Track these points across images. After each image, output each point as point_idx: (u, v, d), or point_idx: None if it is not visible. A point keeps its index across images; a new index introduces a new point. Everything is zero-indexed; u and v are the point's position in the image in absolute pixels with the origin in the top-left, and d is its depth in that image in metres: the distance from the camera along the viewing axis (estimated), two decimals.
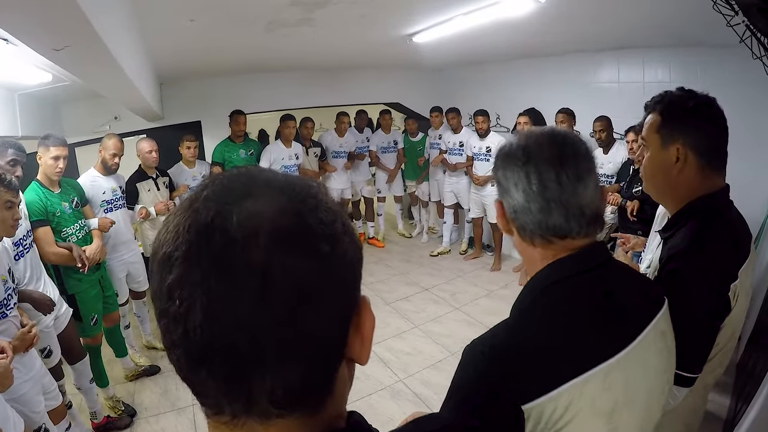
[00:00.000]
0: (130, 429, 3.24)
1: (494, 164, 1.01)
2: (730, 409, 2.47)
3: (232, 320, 0.40)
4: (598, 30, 4.13)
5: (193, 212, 0.44)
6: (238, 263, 0.41)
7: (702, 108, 1.28)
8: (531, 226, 0.94)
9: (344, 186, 6.36)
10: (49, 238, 2.88)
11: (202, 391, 0.45)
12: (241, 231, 0.42)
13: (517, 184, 0.94)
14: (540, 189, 0.91)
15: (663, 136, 1.30)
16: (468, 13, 3.45)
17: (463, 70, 6.85)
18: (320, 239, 0.45)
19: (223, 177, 0.49)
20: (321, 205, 0.48)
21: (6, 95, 3.46)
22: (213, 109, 5.76)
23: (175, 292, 0.42)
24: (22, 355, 2.20)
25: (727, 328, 1.26)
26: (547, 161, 0.91)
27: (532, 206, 0.92)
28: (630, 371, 0.87)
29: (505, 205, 0.99)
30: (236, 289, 0.40)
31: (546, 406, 0.79)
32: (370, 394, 3.52)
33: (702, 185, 1.30)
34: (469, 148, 5.77)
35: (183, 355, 0.43)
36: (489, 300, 4.97)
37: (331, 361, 0.48)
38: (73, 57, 1.91)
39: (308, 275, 0.43)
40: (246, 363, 0.41)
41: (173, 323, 0.42)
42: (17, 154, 2.69)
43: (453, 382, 0.87)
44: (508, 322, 0.92)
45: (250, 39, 3.85)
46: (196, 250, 0.42)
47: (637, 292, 0.99)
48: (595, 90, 5.14)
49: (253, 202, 0.44)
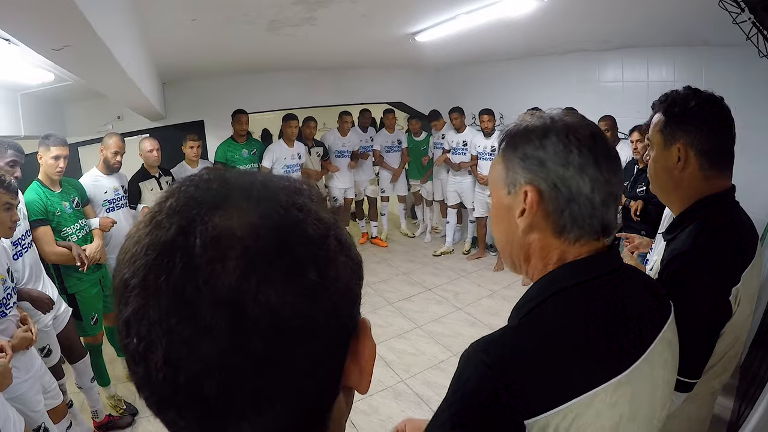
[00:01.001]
0: (131, 428, 3.24)
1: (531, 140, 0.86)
2: (734, 411, 2.45)
3: (197, 365, 0.34)
4: (602, 29, 4.11)
5: (155, 227, 0.37)
6: (203, 297, 0.34)
7: (704, 107, 1.26)
8: (587, 220, 0.83)
9: (348, 185, 6.35)
10: (48, 237, 2.88)
11: (175, 430, 0.39)
12: (206, 255, 0.35)
13: (583, 168, 0.81)
14: (609, 176, 0.82)
15: (665, 136, 1.29)
16: (470, 12, 3.43)
17: (465, 69, 6.84)
18: (306, 264, 0.38)
19: (191, 182, 0.41)
20: (309, 219, 0.40)
21: (9, 95, 3.48)
22: (216, 109, 5.76)
23: (132, 329, 0.36)
24: (22, 354, 2.21)
25: (729, 333, 1.23)
26: (599, 146, 0.84)
27: (596, 197, 0.82)
28: (637, 385, 0.80)
29: (549, 193, 0.84)
30: (200, 329, 0.34)
31: (551, 420, 0.73)
32: (371, 395, 3.50)
33: (706, 186, 1.28)
34: (472, 147, 5.76)
35: (149, 395, 0.38)
36: (492, 300, 4.95)
37: (323, 397, 0.42)
38: (73, 57, 1.90)
39: (290, 310, 0.36)
40: (216, 410, 0.35)
41: (133, 362, 0.37)
42: (16, 155, 2.69)
43: (451, 388, 0.77)
44: (513, 327, 0.83)
45: (253, 38, 3.84)
46: (154, 279, 0.35)
47: (648, 300, 0.91)
48: (600, 89, 5.12)
49: (223, 216, 0.37)
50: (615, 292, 0.85)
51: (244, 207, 0.38)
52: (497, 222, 0.96)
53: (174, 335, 0.34)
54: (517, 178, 0.87)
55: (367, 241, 7.01)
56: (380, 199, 6.92)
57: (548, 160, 0.83)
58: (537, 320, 0.83)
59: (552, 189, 0.83)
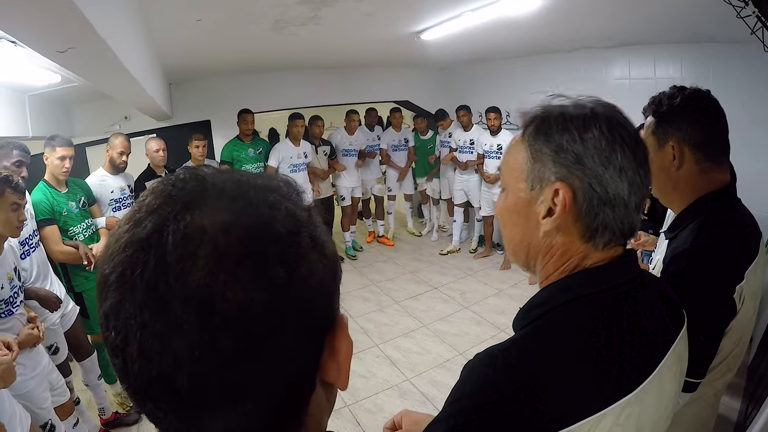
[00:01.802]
0: (138, 425, 3.27)
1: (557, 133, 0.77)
2: (741, 412, 2.42)
3: (169, 359, 0.35)
4: (609, 26, 4.08)
5: (134, 225, 0.39)
6: (173, 293, 0.35)
7: (690, 101, 1.25)
8: (619, 226, 0.76)
9: (355, 184, 6.34)
10: (55, 236, 2.91)
11: (155, 421, 0.41)
12: (177, 252, 0.36)
13: (624, 169, 0.74)
14: (643, 181, 0.76)
15: (658, 136, 1.28)
16: (476, 9, 3.41)
17: (471, 67, 6.81)
18: (275, 262, 0.38)
19: (169, 181, 0.42)
20: (279, 216, 0.41)
21: (16, 96, 3.51)
22: (222, 109, 5.78)
23: (110, 321, 0.37)
24: (29, 351, 2.24)
25: (734, 332, 1.21)
26: (642, 148, 0.77)
27: (632, 201, 0.75)
28: (644, 404, 0.75)
29: (584, 194, 0.75)
30: (171, 324, 0.35)
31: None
32: (377, 393, 3.52)
33: (704, 181, 1.27)
34: (479, 145, 5.75)
35: (128, 386, 0.39)
36: (498, 299, 4.94)
37: (296, 392, 0.42)
38: (78, 59, 1.92)
39: (259, 307, 0.37)
40: (189, 403, 0.37)
41: (112, 354, 0.38)
42: (22, 155, 2.72)
43: (454, 398, 0.72)
44: (524, 337, 0.77)
45: (258, 38, 3.85)
46: (130, 274, 0.36)
47: (662, 313, 0.84)
48: (606, 87, 5.05)
49: (195, 214, 0.38)
50: (631, 304, 0.78)
51: (217, 205, 0.39)
52: (511, 217, 0.85)
53: (147, 329, 0.35)
54: (546, 173, 0.77)
55: (374, 239, 7.02)
56: (387, 197, 6.91)
57: (587, 157, 0.74)
58: (545, 332, 0.77)
59: (588, 189, 0.75)
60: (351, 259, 6.32)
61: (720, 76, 3.87)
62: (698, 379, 1.18)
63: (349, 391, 3.52)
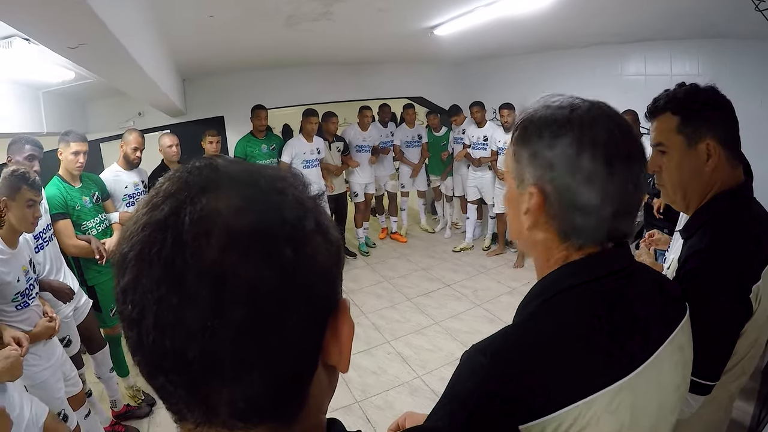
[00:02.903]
0: (149, 418, 3.30)
1: (534, 138, 0.80)
2: (754, 416, 2.37)
3: (182, 330, 0.38)
4: (624, 21, 4.03)
5: (151, 208, 0.42)
6: (189, 269, 0.38)
7: (718, 98, 1.22)
8: (591, 232, 0.78)
9: (369, 180, 6.33)
10: (69, 231, 2.95)
11: (164, 397, 0.43)
12: (192, 232, 0.39)
13: (592, 178, 0.75)
14: (621, 190, 0.76)
15: (688, 135, 1.22)
16: (489, 4, 3.39)
17: (485, 63, 6.78)
18: (283, 242, 0.41)
19: (186, 169, 0.46)
20: (287, 202, 0.44)
21: (31, 93, 3.56)
22: (236, 105, 5.81)
23: (128, 296, 0.40)
24: (44, 343, 2.28)
25: (750, 333, 1.18)
26: (621, 153, 0.76)
27: (607, 209, 0.76)
28: (639, 393, 0.77)
29: (554, 198, 0.78)
30: (186, 297, 0.38)
31: (546, 426, 0.71)
32: (387, 390, 3.51)
33: (731, 178, 1.25)
34: (493, 142, 5.70)
35: (141, 360, 0.41)
36: (511, 297, 4.90)
37: (300, 371, 0.44)
38: (89, 55, 1.94)
39: (267, 284, 0.39)
40: (199, 374, 0.39)
41: (128, 328, 0.41)
42: (34, 150, 2.76)
43: (448, 389, 0.77)
44: (513, 329, 0.81)
45: (271, 34, 3.87)
46: (148, 252, 0.39)
47: (658, 301, 0.86)
48: (622, 83, 5.03)
49: (210, 198, 0.41)
50: (622, 292, 0.81)
51: (230, 191, 0.42)
52: (509, 208, 0.91)
53: (163, 303, 0.38)
54: (526, 176, 0.81)
55: (387, 236, 7.01)
56: (400, 194, 6.90)
57: (557, 164, 0.77)
58: (536, 321, 0.81)
59: (558, 195, 0.77)
60: (364, 256, 6.31)
61: (736, 72, 3.81)
62: (713, 381, 1.15)
63: (360, 387, 3.53)
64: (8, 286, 2.13)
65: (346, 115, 7.98)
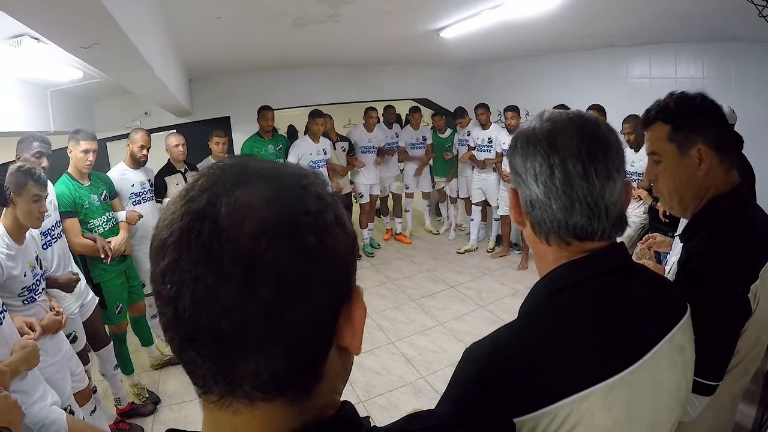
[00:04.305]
0: (153, 416, 3.31)
1: (511, 148, 0.91)
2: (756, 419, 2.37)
3: (217, 306, 0.42)
4: (629, 24, 4.03)
5: (188, 200, 0.46)
6: (224, 252, 0.42)
7: (707, 104, 1.25)
8: (548, 224, 0.85)
9: (373, 182, 6.34)
10: (75, 229, 2.98)
11: (192, 370, 0.47)
12: (228, 220, 0.43)
13: (537, 175, 0.84)
14: (564, 185, 0.82)
15: (679, 142, 1.26)
16: (494, 7, 3.40)
17: (491, 65, 6.79)
18: (306, 231, 0.45)
19: (218, 166, 0.50)
20: (310, 196, 0.48)
21: (39, 92, 3.58)
22: (242, 105, 5.84)
23: (167, 276, 0.44)
24: (50, 338, 2.30)
25: (751, 332, 1.20)
26: (574, 153, 0.82)
27: (554, 203, 0.84)
28: (635, 390, 0.80)
29: (520, 195, 0.89)
30: (221, 277, 0.42)
31: (540, 420, 0.74)
32: (391, 391, 3.52)
33: (727, 180, 1.27)
34: (498, 144, 5.69)
35: (174, 335, 0.45)
36: (515, 299, 4.88)
37: (318, 349, 0.48)
38: (101, 55, 1.95)
39: (292, 267, 0.44)
40: (230, 346, 0.43)
41: (165, 305, 0.45)
42: (42, 146, 2.78)
43: (449, 384, 0.83)
44: (511, 327, 0.86)
45: (278, 35, 3.89)
46: (187, 237, 0.43)
47: (654, 300, 0.90)
48: (627, 86, 5.03)
49: (243, 191, 0.45)
50: (617, 290, 0.84)
51: (260, 185, 0.47)
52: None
53: (200, 282, 0.42)
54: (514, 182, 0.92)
55: (391, 237, 7.02)
56: (405, 195, 6.91)
57: (518, 166, 0.88)
58: (533, 321, 0.86)
59: (521, 193, 0.89)
60: (368, 257, 6.32)
61: (741, 76, 3.80)
62: (716, 381, 1.16)
63: (364, 387, 3.55)
64: (15, 280, 2.15)
65: (351, 116, 8.00)
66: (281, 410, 0.47)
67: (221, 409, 0.47)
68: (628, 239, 4.04)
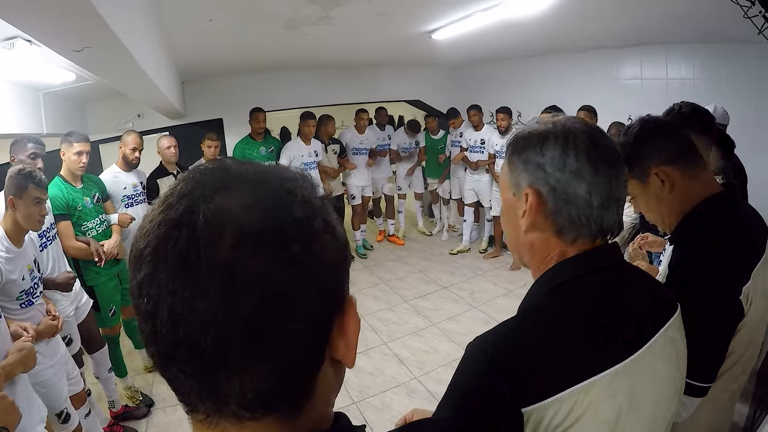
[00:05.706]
0: (147, 419, 3.30)
1: (538, 144, 0.89)
2: (749, 417, 2.40)
3: (195, 321, 0.39)
4: (621, 25, 4.07)
5: (166, 207, 0.43)
6: (202, 263, 0.40)
7: (643, 128, 1.30)
8: (584, 222, 0.86)
9: (365, 183, 6.34)
10: (69, 232, 2.97)
11: (176, 388, 0.44)
12: (206, 229, 0.40)
13: (580, 171, 0.84)
14: (605, 181, 0.85)
15: (637, 175, 1.30)
16: (487, 9, 3.42)
17: (483, 67, 6.82)
18: (291, 238, 0.42)
19: (199, 170, 0.47)
20: (296, 201, 0.45)
21: (31, 94, 3.57)
22: (235, 107, 5.83)
23: (144, 290, 0.42)
24: (47, 341, 2.29)
25: (744, 332, 1.20)
26: (602, 154, 0.86)
27: (594, 199, 0.85)
28: (636, 379, 0.82)
29: (548, 195, 0.87)
30: (198, 289, 0.39)
31: (547, 410, 0.75)
32: (384, 391, 3.53)
33: (699, 186, 1.28)
34: (490, 145, 5.73)
35: (154, 351, 0.43)
36: (508, 299, 4.92)
37: (309, 363, 0.46)
38: (94, 58, 1.96)
39: (276, 277, 0.41)
40: (211, 363, 0.41)
41: (143, 320, 0.42)
42: (37, 147, 2.77)
43: (453, 379, 0.82)
44: (513, 320, 0.86)
45: (270, 37, 3.89)
46: (164, 248, 0.41)
47: (647, 296, 0.93)
48: (618, 87, 5.08)
49: (222, 197, 0.43)
50: (612, 285, 0.87)
51: (241, 191, 0.44)
52: (506, 221, 1.00)
53: (177, 295, 0.40)
54: (521, 182, 0.91)
55: (384, 238, 7.02)
56: (397, 196, 6.91)
57: (547, 164, 0.87)
58: (535, 313, 0.88)
59: (551, 191, 0.87)
60: (361, 258, 6.32)
61: (732, 76, 3.84)
62: (708, 383, 1.16)
63: (357, 388, 3.54)
64: (13, 284, 2.15)
65: (343, 118, 8.00)
66: (271, 428, 0.45)
67: (209, 428, 0.44)
68: (620, 239, 4.07)
